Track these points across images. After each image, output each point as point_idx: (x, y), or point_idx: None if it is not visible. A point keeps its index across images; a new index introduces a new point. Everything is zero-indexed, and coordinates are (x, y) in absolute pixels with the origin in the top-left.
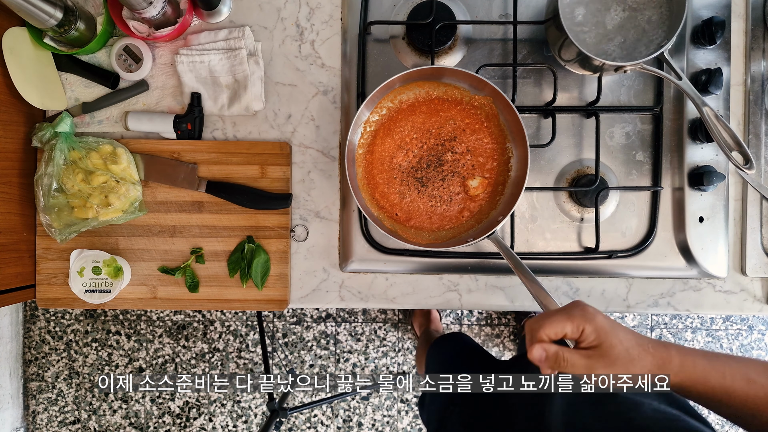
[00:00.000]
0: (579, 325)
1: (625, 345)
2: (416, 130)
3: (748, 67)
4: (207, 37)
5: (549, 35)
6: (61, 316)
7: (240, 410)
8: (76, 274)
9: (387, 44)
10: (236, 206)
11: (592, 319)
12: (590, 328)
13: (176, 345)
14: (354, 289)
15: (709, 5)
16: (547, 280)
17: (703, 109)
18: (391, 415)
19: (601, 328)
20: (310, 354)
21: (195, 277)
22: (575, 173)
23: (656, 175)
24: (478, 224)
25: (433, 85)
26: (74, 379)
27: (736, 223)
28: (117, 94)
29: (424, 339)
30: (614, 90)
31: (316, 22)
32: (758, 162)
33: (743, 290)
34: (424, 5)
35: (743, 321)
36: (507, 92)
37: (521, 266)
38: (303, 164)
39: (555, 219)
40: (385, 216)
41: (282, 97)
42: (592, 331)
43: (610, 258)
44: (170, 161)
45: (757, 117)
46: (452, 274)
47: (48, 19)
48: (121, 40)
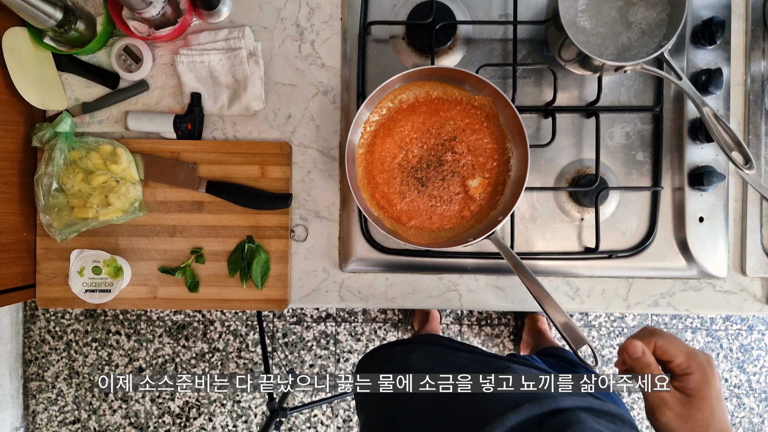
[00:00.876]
0: (692, 367)
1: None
2: (416, 130)
3: (748, 67)
4: (207, 37)
5: (549, 35)
6: (61, 316)
7: (240, 410)
8: (76, 274)
9: (387, 44)
10: (236, 206)
11: (711, 377)
12: (699, 377)
13: (176, 345)
14: (354, 289)
15: (709, 5)
16: (547, 280)
17: (703, 109)
18: None
19: (708, 387)
20: (310, 354)
21: (195, 277)
22: (575, 173)
23: (656, 175)
24: (478, 224)
25: (433, 85)
26: (74, 379)
27: (736, 223)
28: (117, 94)
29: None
30: (614, 90)
31: (316, 22)
32: (758, 162)
33: (743, 290)
34: (424, 5)
35: (743, 321)
36: (507, 92)
37: (521, 266)
38: (303, 164)
39: (555, 219)
40: (385, 216)
41: (282, 97)
42: (698, 380)
43: (610, 258)
44: (170, 161)
45: (757, 117)
46: (452, 274)
47: (48, 19)
48: (121, 40)
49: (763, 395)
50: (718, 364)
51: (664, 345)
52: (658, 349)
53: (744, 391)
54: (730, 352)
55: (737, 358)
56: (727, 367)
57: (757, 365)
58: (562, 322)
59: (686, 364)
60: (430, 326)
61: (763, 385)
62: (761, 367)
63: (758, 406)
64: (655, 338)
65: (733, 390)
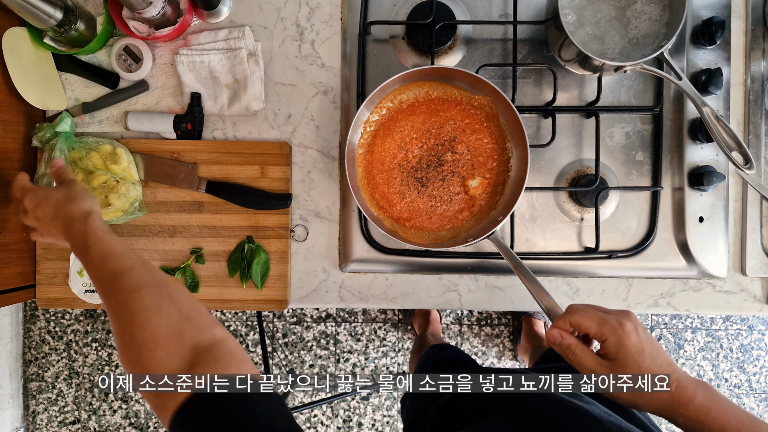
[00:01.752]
0: (604, 332)
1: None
2: (416, 130)
3: (748, 67)
4: (207, 37)
5: (549, 35)
6: (61, 316)
7: None
8: (76, 274)
9: (387, 44)
10: (236, 206)
11: (623, 335)
12: (613, 340)
13: None
14: (354, 289)
15: (709, 5)
16: (547, 280)
17: (703, 109)
18: (391, 415)
19: (624, 347)
20: (310, 354)
21: (195, 277)
22: (575, 173)
23: (656, 175)
24: (478, 224)
25: (432, 85)
26: (74, 379)
27: (736, 223)
28: (117, 94)
29: (418, 344)
30: (614, 90)
31: (316, 22)
32: (758, 162)
33: (743, 290)
34: (424, 5)
35: (743, 321)
36: (507, 92)
37: (521, 266)
38: (303, 164)
39: (555, 219)
40: (385, 216)
41: (282, 97)
42: (613, 344)
43: (610, 258)
44: (170, 161)
45: (757, 117)
46: (452, 274)
47: (48, 19)
48: (121, 40)
49: (763, 395)
50: (717, 364)
51: (576, 320)
52: (574, 325)
53: (744, 391)
54: (730, 352)
55: (737, 358)
56: (727, 367)
57: (757, 365)
58: None
59: (600, 332)
60: (432, 328)
61: (763, 385)
62: (761, 367)
63: (758, 406)
64: (569, 316)
65: (733, 390)
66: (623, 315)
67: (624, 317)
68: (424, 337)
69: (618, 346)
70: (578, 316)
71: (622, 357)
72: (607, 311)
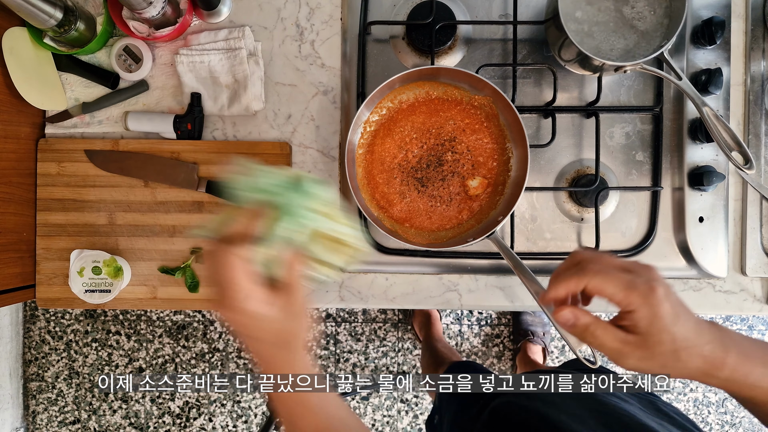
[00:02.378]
0: (633, 302)
1: (676, 345)
2: (416, 130)
3: (748, 67)
4: (207, 37)
5: (549, 35)
6: (61, 316)
7: (240, 410)
8: (76, 274)
9: (387, 44)
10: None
11: (656, 304)
12: (646, 312)
13: (176, 345)
14: (354, 289)
15: (709, 5)
16: (547, 280)
17: (703, 109)
18: (391, 415)
19: (658, 319)
20: (310, 354)
21: (195, 277)
22: (575, 173)
23: (656, 175)
24: (478, 224)
25: (433, 85)
26: (74, 379)
27: (736, 223)
28: (117, 94)
29: (429, 356)
30: (614, 90)
31: (316, 22)
32: (758, 162)
33: (743, 290)
34: (424, 5)
35: (743, 321)
36: (507, 92)
37: (521, 266)
38: (303, 164)
39: (555, 219)
40: (385, 216)
41: (282, 97)
42: (645, 317)
43: None
44: (170, 161)
45: (757, 117)
46: (452, 274)
47: (48, 19)
48: (121, 40)
49: None
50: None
51: (597, 286)
52: (594, 291)
53: None
54: None
55: None
56: None
57: None
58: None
59: (626, 300)
60: (433, 329)
61: None
62: None
63: None
64: (586, 279)
65: None
66: (648, 272)
67: (653, 278)
68: (434, 348)
69: (651, 318)
70: (599, 280)
71: (656, 331)
72: (627, 267)
